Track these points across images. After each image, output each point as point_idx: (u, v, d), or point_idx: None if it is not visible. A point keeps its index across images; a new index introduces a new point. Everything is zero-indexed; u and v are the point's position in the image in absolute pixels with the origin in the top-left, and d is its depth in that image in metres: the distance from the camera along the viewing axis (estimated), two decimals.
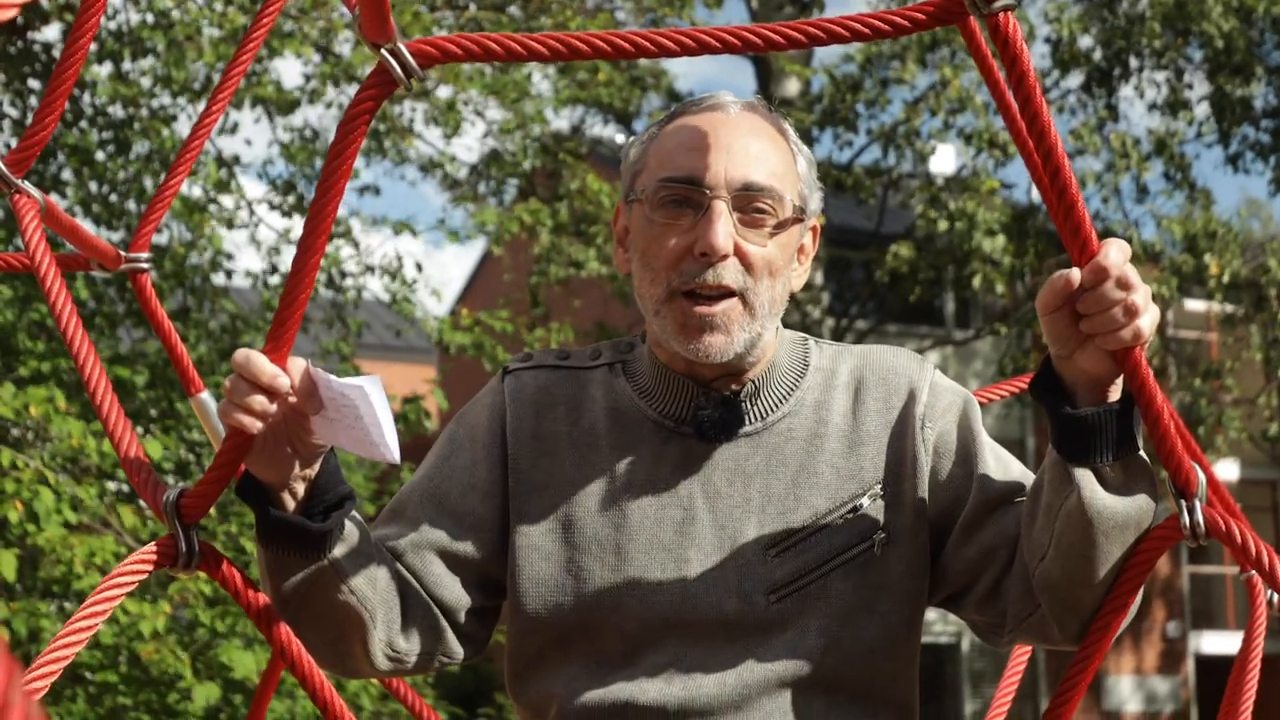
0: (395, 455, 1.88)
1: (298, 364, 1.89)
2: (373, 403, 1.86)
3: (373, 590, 2.05)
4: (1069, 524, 1.96)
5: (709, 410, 2.14)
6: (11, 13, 1.28)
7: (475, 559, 2.17)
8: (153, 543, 1.88)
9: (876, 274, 17.41)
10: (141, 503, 9.32)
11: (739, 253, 2.08)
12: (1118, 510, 1.95)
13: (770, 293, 2.11)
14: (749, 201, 2.09)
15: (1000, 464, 2.18)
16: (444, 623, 2.15)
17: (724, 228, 2.07)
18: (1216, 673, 25.07)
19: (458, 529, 2.16)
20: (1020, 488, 2.15)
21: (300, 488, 1.97)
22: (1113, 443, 1.93)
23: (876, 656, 2.12)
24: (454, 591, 2.15)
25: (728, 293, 2.08)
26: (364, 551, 2.05)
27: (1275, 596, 2.80)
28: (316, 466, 1.97)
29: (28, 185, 2.29)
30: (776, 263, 2.11)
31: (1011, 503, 2.14)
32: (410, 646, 2.12)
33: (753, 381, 2.17)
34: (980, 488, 2.15)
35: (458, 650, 2.18)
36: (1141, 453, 1.98)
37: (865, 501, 2.14)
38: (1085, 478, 1.94)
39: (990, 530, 2.13)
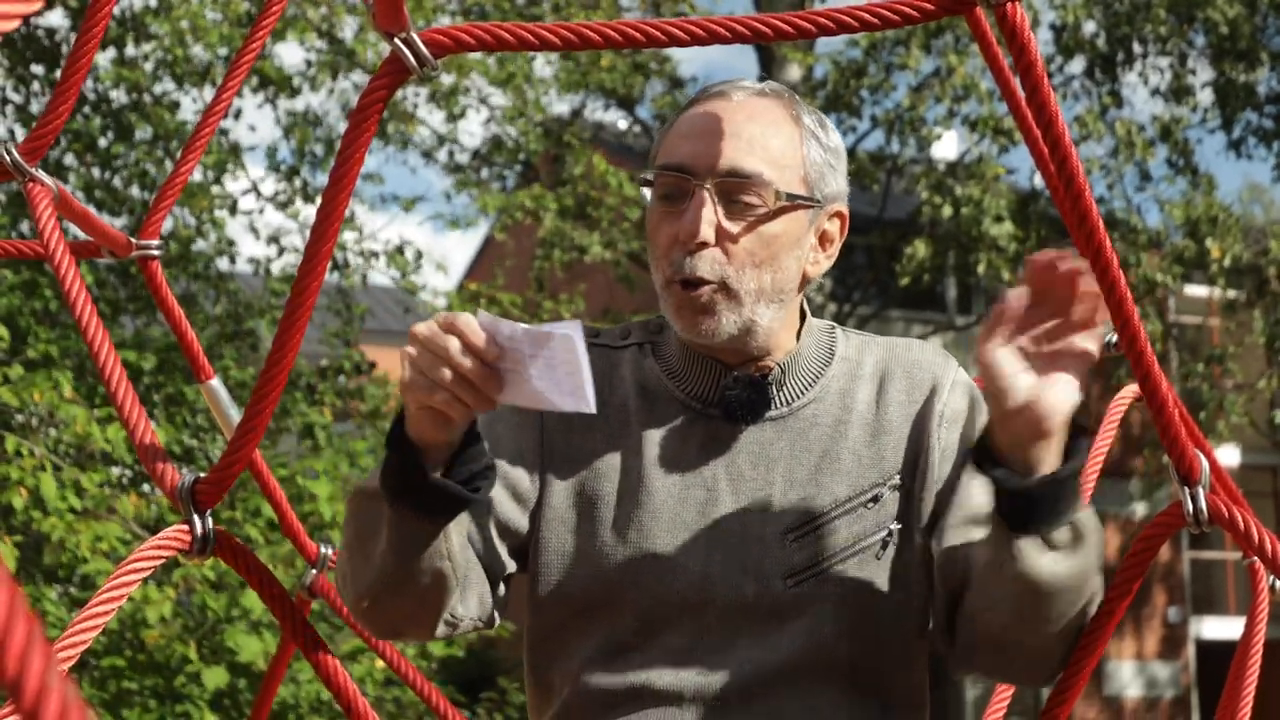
0: (592, 403, 1.80)
1: (469, 318, 1.85)
2: (576, 349, 1.78)
3: (464, 557, 2.05)
4: (1012, 586, 1.94)
5: (736, 391, 2.15)
6: (14, 24, 1.29)
7: (521, 527, 2.16)
8: (170, 529, 1.90)
9: (900, 279, 17.37)
10: (145, 489, 9.34)
11: (719, 242, 2.08)
12: (1059, 573, 1.93)
13: (758, 281, 2.09)
14: (733, 190, 2.08)
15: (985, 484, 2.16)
16: (488, 588, 2.15)
17: (704, 216, 2.07)
18: (1217, 658, 25.09)
19: (508, 496, 2.15)
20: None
21: (445, 450, 1.93)
22: (1058, 512, 1.90)
23: (891, 644, 2.13)
24: (501, 558, 2.15)
25: (705, 281, 2.09)
26: (461, 518, 2.03)
27: (1277, 582, 2.81)
28: (464, 427, 1.94)
29: (41, 173, 2.31)
30: (761, 253, 2.09)
31: (982, 525, 2.10)
32: (465, 612, 2.11)
33: (779, 366, 2.17)
34: (964, 498, 2.12)
35: (496, 617, 2.18)
36: (1081, 512, 1.93)
37: (885, 491, 2.14)
38: (1027, 545, 1.91)
39: (960, 551, 2.09)
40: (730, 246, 2.09)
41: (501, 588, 2.18)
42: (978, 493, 2.11)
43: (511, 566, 2.18)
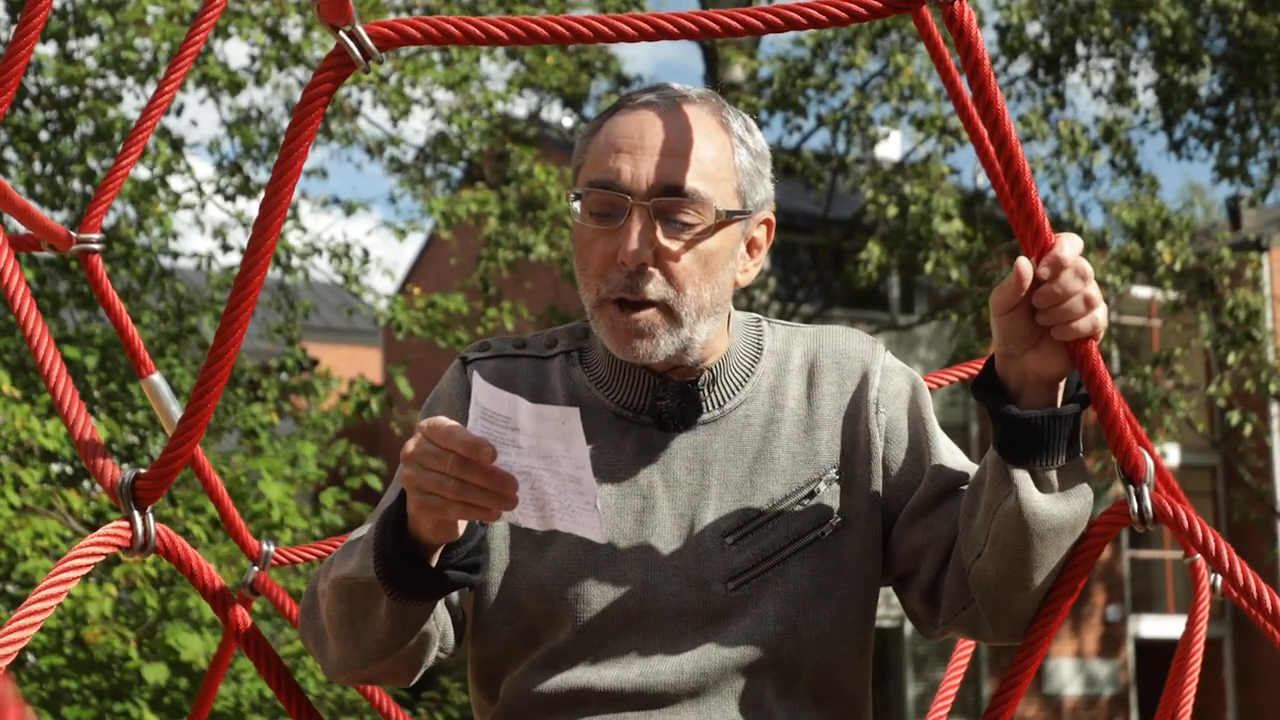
0: (601, 530, 1.86)
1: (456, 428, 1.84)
2: (572, 438, 1.79)
3: (440, 609, 2.09)
4: (1005, 524, 1.98)
5: (667, 400, 2.14)
6: None
7: None
8: (110, 525, 1.87)
9: (857, 282, 17.42)
10: (86, 485, 9.25)
11: (659, 262, 2.07)
12: (1054, 514, 1.98)
13: (698, 300, 2.09)
14: (671, 209, 2.07)
15: (950, 452, 2.20)
16: (446, 616, 2.15)
17: (641, 237, 2.06)
18: (1155, 656, 25.31)
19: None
20: (966, 478, 2.16)
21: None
22: (1057, 448, 1.96)
23: (832, 640, 2.14)
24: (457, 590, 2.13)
25: (649, 303, 2.08)
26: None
27: (1219, 580, 2.83)
28: None
29: None
30: (699, 272, 2.09)
31: (958, 492, 2.15)
32: (437, 651, 2.13)
33: (709, 370, 2.17)
34: (931, 474, 2.16)
35: (451, 643, 2.18)
36: (1081, 457, 2.00)
37: (821, 486, 2.15)
38: (1024, 480, 1.96)
39: (937, 516, 2.14)
40: (671, 266, 2.07)
41: (458, 610, 2.18)
42: (946, 464, 2.16)
43: (465, 593, 2.17)
